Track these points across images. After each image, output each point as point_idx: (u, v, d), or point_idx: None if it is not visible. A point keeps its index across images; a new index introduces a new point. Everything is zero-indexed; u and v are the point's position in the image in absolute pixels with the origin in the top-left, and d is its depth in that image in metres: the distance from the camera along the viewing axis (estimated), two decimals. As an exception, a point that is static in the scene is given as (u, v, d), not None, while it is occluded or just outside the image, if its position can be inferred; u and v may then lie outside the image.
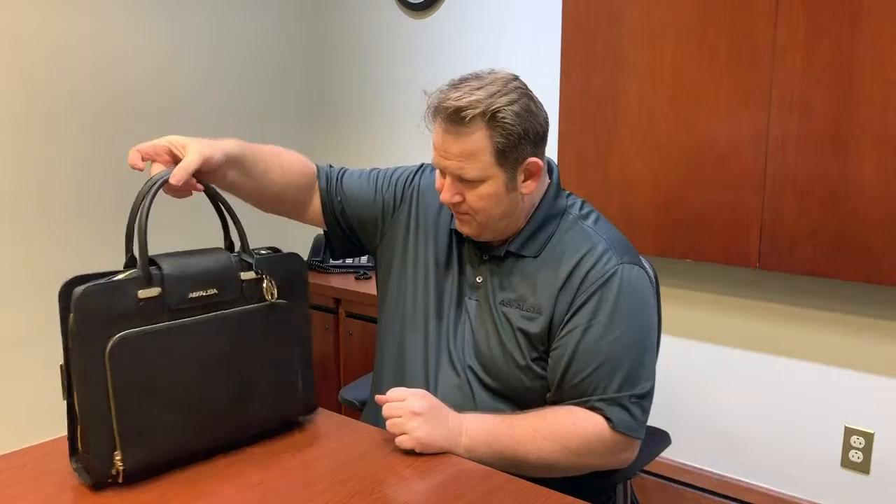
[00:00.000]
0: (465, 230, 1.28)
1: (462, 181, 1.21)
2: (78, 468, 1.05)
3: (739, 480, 2.27)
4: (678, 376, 2.32)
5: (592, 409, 1.21)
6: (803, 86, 1.86)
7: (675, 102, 2.06)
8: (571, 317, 1.23)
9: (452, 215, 1.35)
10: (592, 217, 1.32)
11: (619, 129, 2.17)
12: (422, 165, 1.46)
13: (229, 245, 1.17)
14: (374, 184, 1.42)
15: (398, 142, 2.89)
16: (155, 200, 1.06)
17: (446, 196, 1.23)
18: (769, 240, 1.96)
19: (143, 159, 1.11)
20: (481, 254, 1.31)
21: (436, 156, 1.23)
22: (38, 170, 2.29)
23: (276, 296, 1.14)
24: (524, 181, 1.23)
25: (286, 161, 1.34)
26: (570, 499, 1.03)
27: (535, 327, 1.24)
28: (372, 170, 1.45)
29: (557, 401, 1.25)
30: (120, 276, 1.03)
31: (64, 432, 1.20)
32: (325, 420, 1.25)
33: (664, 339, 1.56)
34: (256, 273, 1.13)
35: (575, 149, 2.26)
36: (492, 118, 1.16)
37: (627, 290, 1.23)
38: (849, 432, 2.06)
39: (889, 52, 1.75)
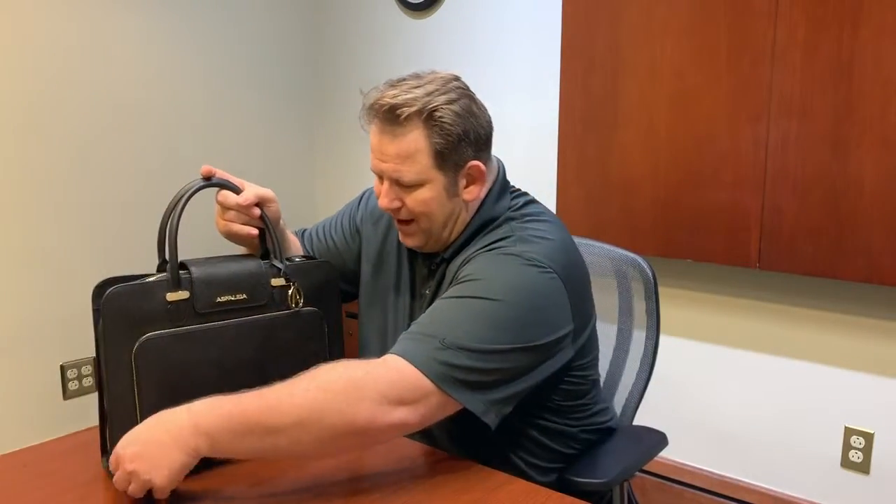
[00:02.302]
0: (409, 242, 1.22)
1: (400, 185, 1.14)
2: (107, 467, 1.05)
3: (739, 480, 2.27)
4: (678, 376, 2.32)
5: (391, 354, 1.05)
6: (803, 86, 1.86)
7: (675, 102, 2.06)
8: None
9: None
10: (526, 218, 1.21)
11: (619, 129, 2.17)
12: (363, 193, 1.42)
13: (265, 253, 1.18)
14: (325, 234, 1.40)
15: (398, 142, 2.89)
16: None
17: (384, 202, 1.16)
18: (769, 240, 1.96)
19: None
20: (429, 264, 1.26)
21: (373, 159, 1.16)
22: (40, 169, 2.29)
23: (300, 303, 1.14)
24: (466, 186, 1.17)
25: (297, 246, 1.36)
26: (570, 499, 1.03)
27: None
28: (322, 222, 1.43)
29: None
30: (150, 279, 1.05)
31: (63, 433, 1.21)
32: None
33: (664, 339, 1.56)
34: (285, 280, 1.14)
35: (575, 149, 2.26)
36: (429, 117, 1.11)
37: (498, 271, 1.10)
38: (849, 432, 2.06)
39: (889, 52, 1.75)
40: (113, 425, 1.03)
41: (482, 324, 1.05)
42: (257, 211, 1.15)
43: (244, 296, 1.10)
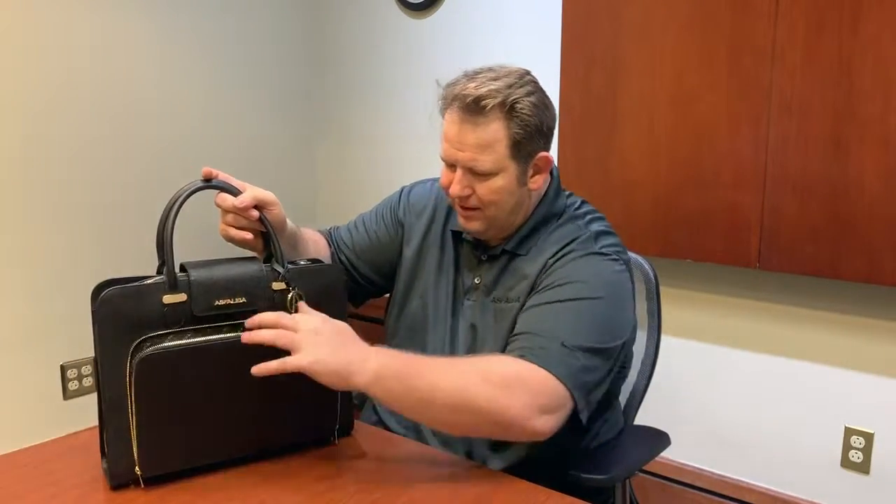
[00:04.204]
0: (472, 226, 1.25)
1: (473, 174, 1.19)
2: (105, 469, 1.05)
3: (739, 480, 2.27)
4: (678, 376, 2.32)
5: (520, 357, 1.13)
6: (803, 85, 1.86)
7: (675, 102, 2.06)
8: (535, 291, 1.21)
9: (447, 219, 1.34)
10: (588, 217, 1.30)
11: (619, 128, 2.17)
12: (402, 189, 1.45)
13: (269, 256, 1.15)
14: (365, 228, 1.42)
15: (398, 142, 2.89)
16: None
17: (456, 189, 1.20)
18: (769, 240, 1.96)
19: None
20: (480, 254, 1.30)
21: (447, 148, 1.20)
22: (41, 168, 2.29)
23: (295, 310, 1.10)
24: (533, 176, 1.22)
25: (319, 246, 1.37)
26: (570, 499, 1.03)
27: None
28: (358, 217, 1.46)
29: None
30: (147, 282, 1.03)
31: (63, 433, 1.21)
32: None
33: (664, 339, 1.56)
34: (285, 283, 1.11)
35: (575, 149, 2.26)
36: (511, 109, 1.16)
37: (591, 271, 1.19)
38: (849, 432, 2.06)
39: (889, 51, 1.75)
40: (109, 429, 1.02)
41: (590, 324, 1.15)
42: (255, 213, 1.14)
43: (243, 299, 1.07)
